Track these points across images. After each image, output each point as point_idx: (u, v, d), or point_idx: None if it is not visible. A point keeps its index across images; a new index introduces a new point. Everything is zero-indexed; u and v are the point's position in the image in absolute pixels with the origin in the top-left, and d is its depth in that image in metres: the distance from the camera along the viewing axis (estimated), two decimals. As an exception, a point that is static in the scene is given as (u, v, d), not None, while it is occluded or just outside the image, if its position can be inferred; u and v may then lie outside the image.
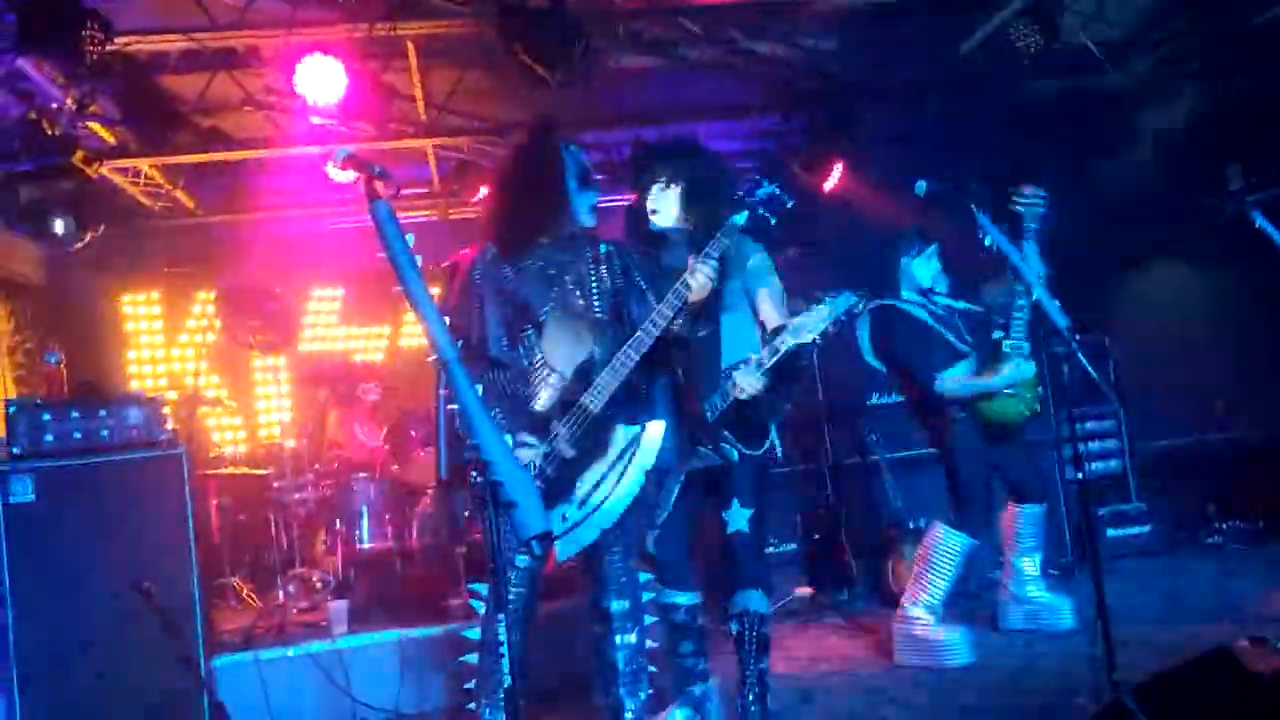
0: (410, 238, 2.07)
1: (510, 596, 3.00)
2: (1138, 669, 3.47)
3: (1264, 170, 6.77)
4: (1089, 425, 6.84)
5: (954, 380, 4.50)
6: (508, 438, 2.99)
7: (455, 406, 2.00)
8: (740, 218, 3.18)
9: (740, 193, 3.24)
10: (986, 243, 3.21)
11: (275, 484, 5.93)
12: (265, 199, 7.31)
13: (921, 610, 4.41)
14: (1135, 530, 6.66)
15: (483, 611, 3.12)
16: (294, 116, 5.83)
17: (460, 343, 3.10)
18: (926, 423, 4.77)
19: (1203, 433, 7.22)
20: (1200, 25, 6.07)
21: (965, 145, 6.26)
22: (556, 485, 3.06)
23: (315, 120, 5.65)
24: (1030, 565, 4.78)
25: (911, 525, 6.02)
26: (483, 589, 3.13)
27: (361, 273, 7.78)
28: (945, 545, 4.44)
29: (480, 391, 3.01)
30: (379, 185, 2.17)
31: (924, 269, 4.67)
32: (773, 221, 3.24)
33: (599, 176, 3.32)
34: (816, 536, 6.10)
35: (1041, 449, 6.59)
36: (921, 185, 3.39)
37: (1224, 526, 6.76)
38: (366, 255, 7.12)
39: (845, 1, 5.12)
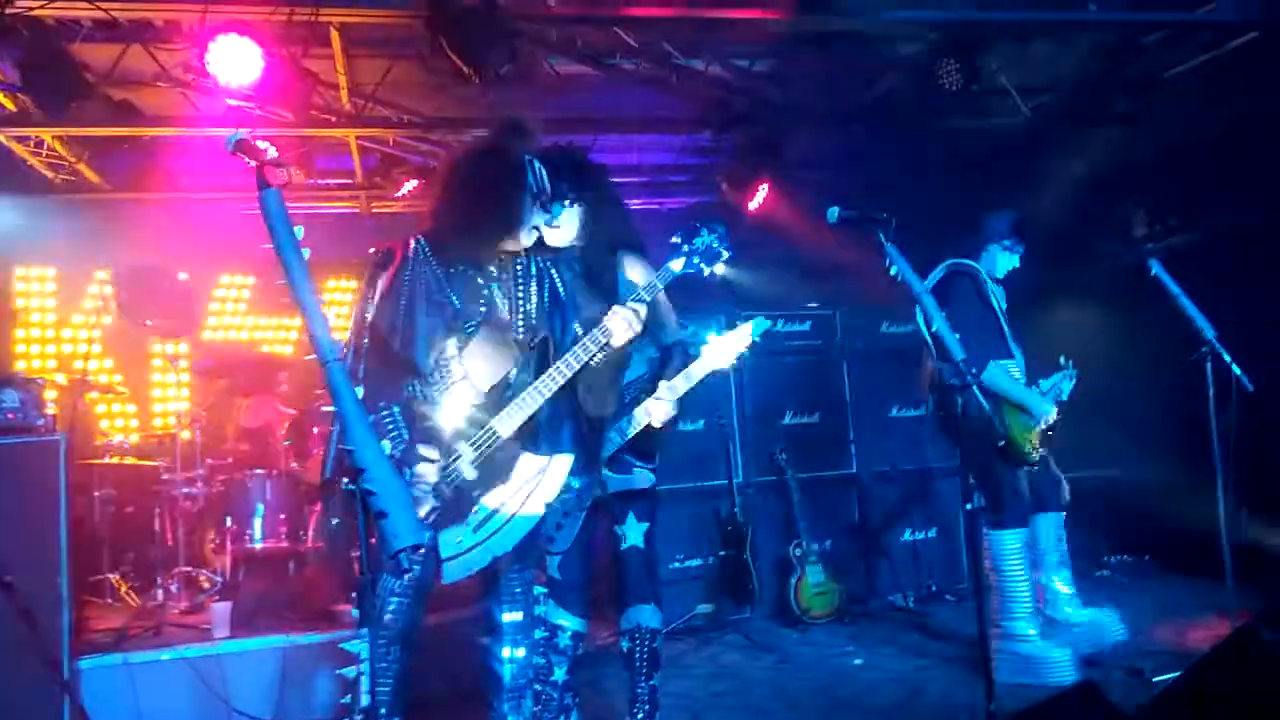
0: (299, 230, 1.98)
1: (391, 608, 2.90)
2: (1017, 698, 3.55)
3: (1166, 219, 7.01)
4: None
5: (1002, 372, 4.39)
6: (420, 449, 2.89)
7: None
8: (677, 266, 3.14)
9: (678, 239, 3.18)
10: (892, 272, 3.22)
11: (164, 476, 5.72)
12: (176, 179, 7.06)
13: (1023, 622, 4.32)
14: (1027, 561, 6.79)
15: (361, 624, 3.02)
16: (210, 96, 5.63)
17: (363, 343, 3.00)
18: (943, 414, 4.54)
19: (1096, 468, 7.41)
20: (1116, 75, 6.25)
21: (884, 176, 6.37)
22: (453, 506, 2.95)
23: (231, 102, 5.46)
24: (1062, 583, 4.66)
25: (817, 546, 6.08)
26: (366, 599, 3.03)
27: (275, 262, 7.54)
28: (1006, 548, 4.34)
29: (399, 401, 2.91)
30: (270, 173, 2.07)
31: (1006, 262, 4.63)
32: (706, 272, 3.19)
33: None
34: (722, 553, 6.10)
35: (949, 476, 6.74)
36: (833, 212, 3.38)
37: (1113, 560, 6.96)
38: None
39: (780, 27, 5.12)
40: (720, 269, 7.88)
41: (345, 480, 2.03)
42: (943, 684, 4.48)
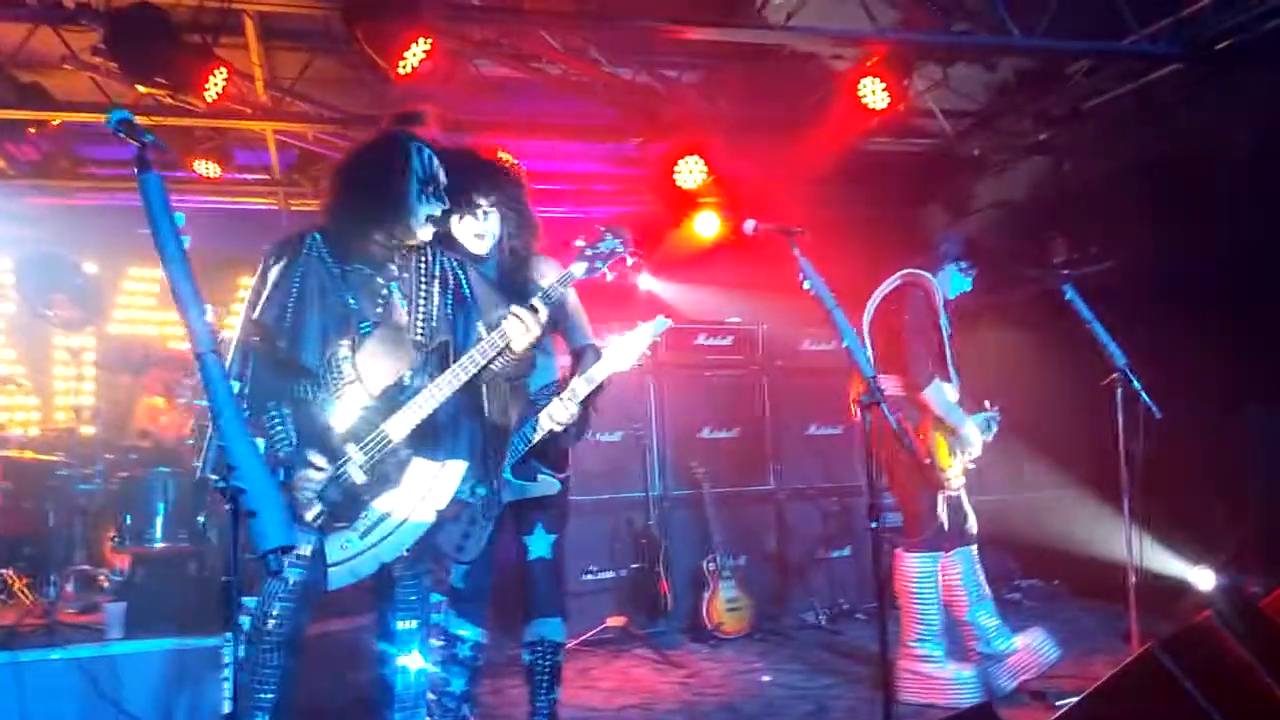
0: (180, 217, 1.89)
1: (275, 612, 2.80)
2: (924, 718, 3.56)
3: (1086, 247, 7.18)
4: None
5: (942, 392, 4.29)
6: (309, 452, 2.80)
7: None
8: (579, 270, 3.09)
9: (581, 242, 3.14)
10: (806, 286, 3.21)
11: (61, 472, 5.50)
12: (86, 167, 6.82)
13: (929, 644, 4.28)
14: (945, 580, 6.86)
15: (248, 627, 2.91)
16: (120, 82, 5.44)
17: (250, 340, 2.90)
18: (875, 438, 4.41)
19: (1009, 492, 7.54)
20: (1038, 102, 6.38)
21: (809, 192, 6.41)
22: (341, 510, 2.86)
23: (143, 89, 5.28)
24: (986, 616, 4.46)
25: (732, 561, 6.07)
26: (251, 602, 2.92)
27: (189, 255, 7.32)
28: (919, 571, 4.30)
29: (288, 401, 2.82)
30: (151, 156, 1.98)
31: (959, 284, 4.56)
32: (609, 276, 3.15)
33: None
34: (635, 565, 6.06)
35: (863, 496, 6.79)
36: (750, 224, 3.38)
37: (1022, 584, 7.06)
38: (197, 237, 6.70)
39: (710, 35, 5.13)
40: (646, 281, 7.88)
41: (215, 478, 1.94)
42: (848, 702, 4.49)
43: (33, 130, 6.34)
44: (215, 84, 5.20)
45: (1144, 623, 4.46)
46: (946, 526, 4.34)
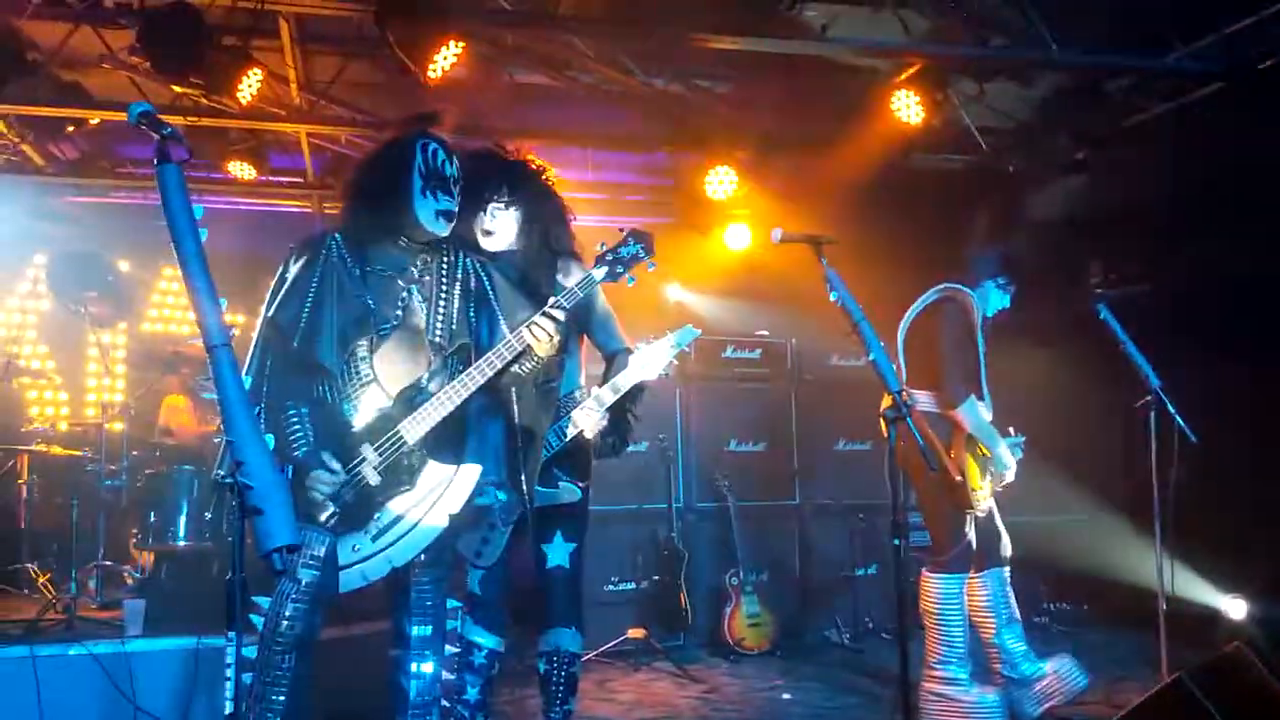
0: (199, 210, 1.87)
1: (287, 614, 2.78)
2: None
3: (1122, 268, 7.06)
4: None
5: (976, 411, 4.17)
6: (324, 453, 2.78)
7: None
8: (599, 274, 3.06)
9: (602, 247, 3.11)
10: (832, 297, 3.17)
11: (89, 468, 5.54)
12: (124, 166, 6.89)
13: (954, 666, 4.15)
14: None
15: (260, 628, 2.89)
16: (157, 82, 5.49)
17: (273, 338, 2.90)
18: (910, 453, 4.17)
19: (1038, 514, 7.41)
20: (1076, 121, 6.29)
21: (840, 207, 6.35)
22: (354, 511, 2.84)
23: (178, 89, 5.33)
24: (1014, 640, 4.39)
25: (754, 577, 6.00)
26: (264, 602, 2.90)
27: (221, 256, 7.36)
28: (944, 592, 4.17)
29: (307, 402, 2.81)
30: (172, 149, 1.97)
31: (998, 301, 4.46)
32: (630, 282, 3.12)
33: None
34: (656, 578, 6.01)
35: (883, 515, 6.69)
36: (776, 233, 3.33)
37: (1051, 607, 6.92)
38: (233, 238, 6.77)
39: (743, 45, 5.09)
40: (677, 292, 7.83)
41: (222, 474, 1.93)
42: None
43: (72, 129, 6.42)
44: (249, 85, 5.24)
45: (1173, 650, 4.36)
46: (975, 547, 4.25)
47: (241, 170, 6.75)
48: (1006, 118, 6.54)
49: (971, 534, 4.23)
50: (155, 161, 1.97)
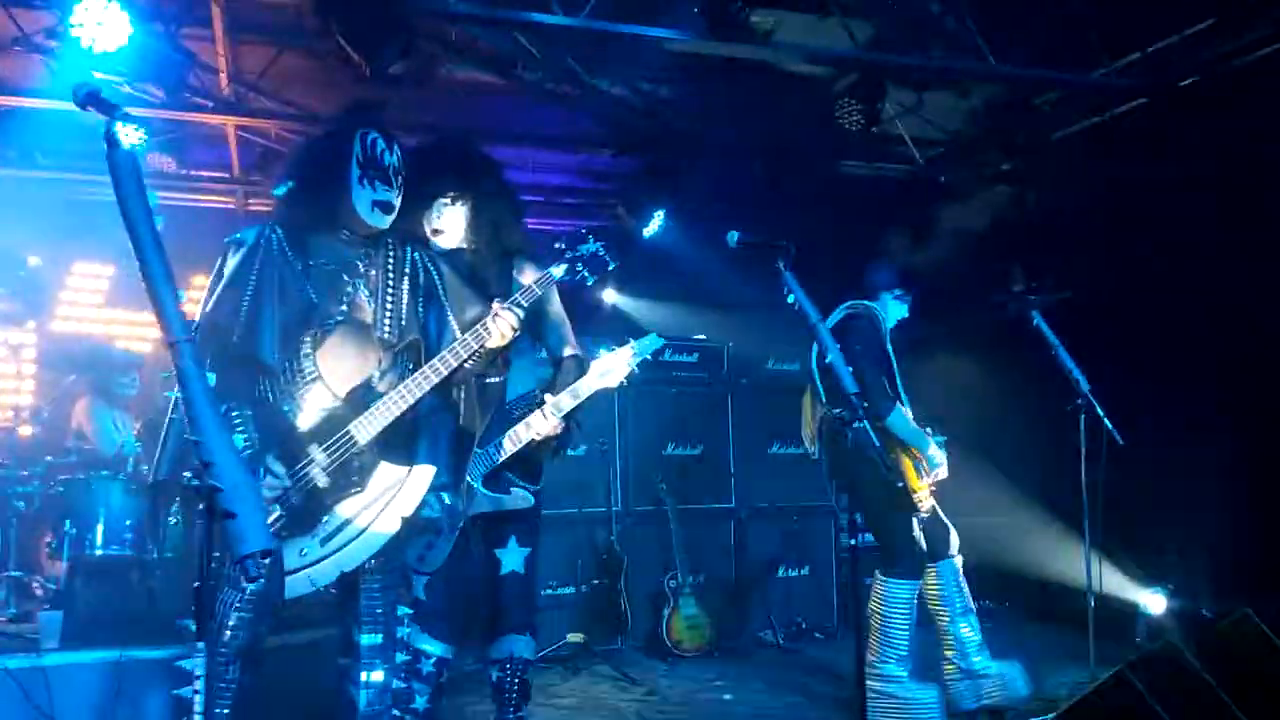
0: (153, 196, 1.78)
1: (231, 623, 2.66)
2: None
3: (1043, 277, 7.26)
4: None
5: (904, 417, 4.27)
6: (269, 454, 2.67)
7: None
8: (558, 271, 3.01)
9: (562, 244, 3.06)
10: (789, 300, 3.17)
11: (-1, 472, 5.27)
12: (34, 156, 6.57)
13: (894, 664, 4.20)
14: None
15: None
16: (68, 68, 5.23)
17: (200, 336, 2.77)
18: (847, 466, 4.31)
19: (966, 515, 7.56)
20: (1005, 132, 6.44)
21: (780, 211, 6.40)
22: (301, 515, 2.73)
23: (97, 75, 5.09)
24: (969, 629, 4.49)
25: (692, 579, 6.00)
26: (205, 613, 2.78)
27: (160, 239, 7.09)
28: (894, 596, 4.22)
29: (248, 400, 2.70)
30: (122, 132, 1.86)
31: (897, 311, 4.51)
32: (590, 281, 3.08)
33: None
34: (596, 582, 5.97)
35: (824, 516, 6.77)
36: (733, 236, 3.32)
37: (975, 605, 7.07)
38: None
39: (689, 48, 5.08)
40: (612, 295, 7.83)
41: (189, 475, 1.82)
42: (816, 717, 4.43)
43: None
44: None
45: (1094, 646, 4.49)
46: (926, 547, 4.34)
47: (160, 162, 6.50)
48: (938, 129, 6.66)
49: (920, 538, 4.30)
50: (107, 145, 1.86)
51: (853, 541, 3.05)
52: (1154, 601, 5.50)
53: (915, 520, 4.29)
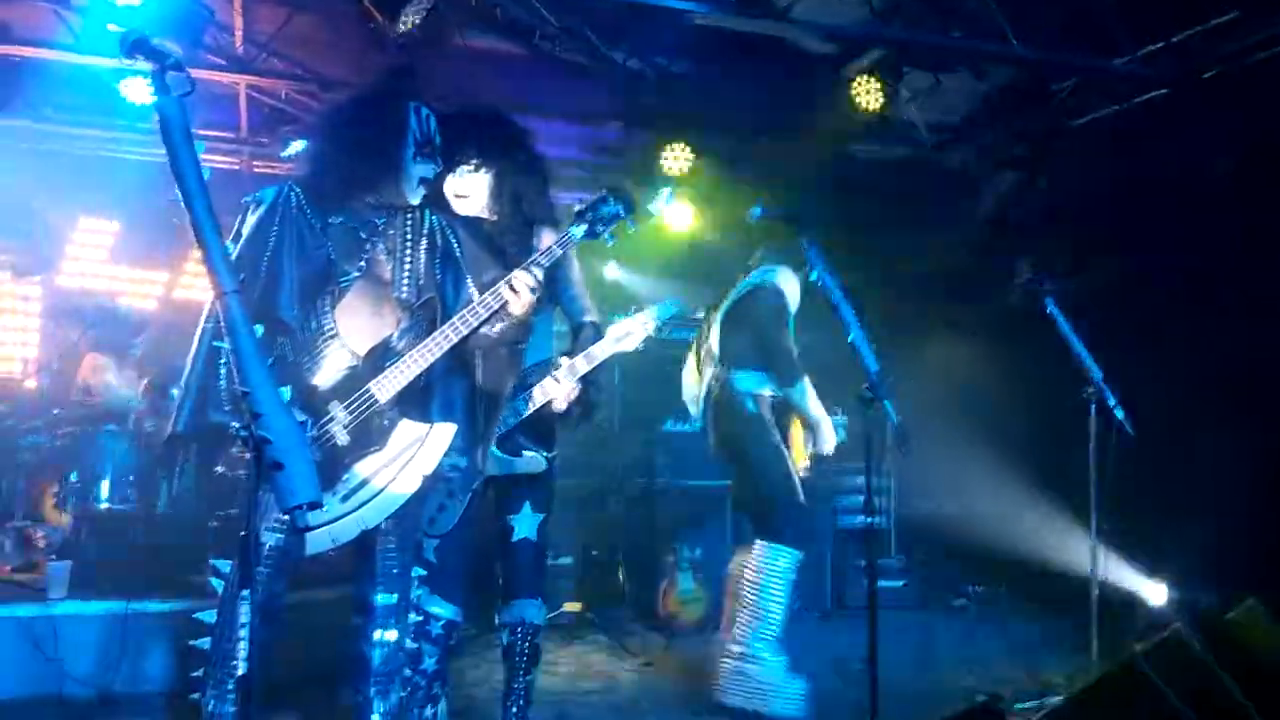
0: (201, 145, 1.77)
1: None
2: (885, 716, 3.55)
3: (1051, 265, 7.27)
4: (860, 479, 7.05)
5: (807, 389, 4.15)
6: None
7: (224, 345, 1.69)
8: (578, 232, 3.00)
9: (582, 205, 3.05)
10: (812, 277, 3.19)
11: (5, 423, 5.27)
12: (42, 109, 6.51)
13: (764, 645, 3.97)
14: (892, 584, 6.93)
15: (222, 593, 2.78)
16: (89, 20, 5.19)
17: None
18: (739, 430, 4.28)
19: (959, 502, 7.64)
20: (1022, 119, 6.44)
21: (788, 192, 6.39)
22: (322, 472, 2.72)
23: (113, 28, 5.05)
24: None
25: (688, 553, 6.04)
26: (224, 566, 2.79)
27: (143, 210, 7.06)
28: (774, 564, 4.02)
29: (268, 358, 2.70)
30: (170, 79, 1.85)
31: (805, 282, 4.31)
32: (610, 242, 3.07)
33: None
34: (594, 553, 6.01)
35: (822, 498, 6.80)
36: (756, 210, 3.35)
37: (970, 591, 7.15)
38: (152, 192, 6.45)
39: (710, 21, 5.06)
40: (614, 271, 7.80)
41: (238, 426, 1.83)
42: (813, 699, 4.46)
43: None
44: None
45: (1090, 633, 4.53)
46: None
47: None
48: (952, 112, 6.65)
49: (804, 502, 4.19)
50: (154, 92, 1.85)
51: (871, 521, 3.07)
52: (1156, 591, 5.54)
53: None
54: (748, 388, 4.20)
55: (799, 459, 4.28)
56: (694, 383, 4.52)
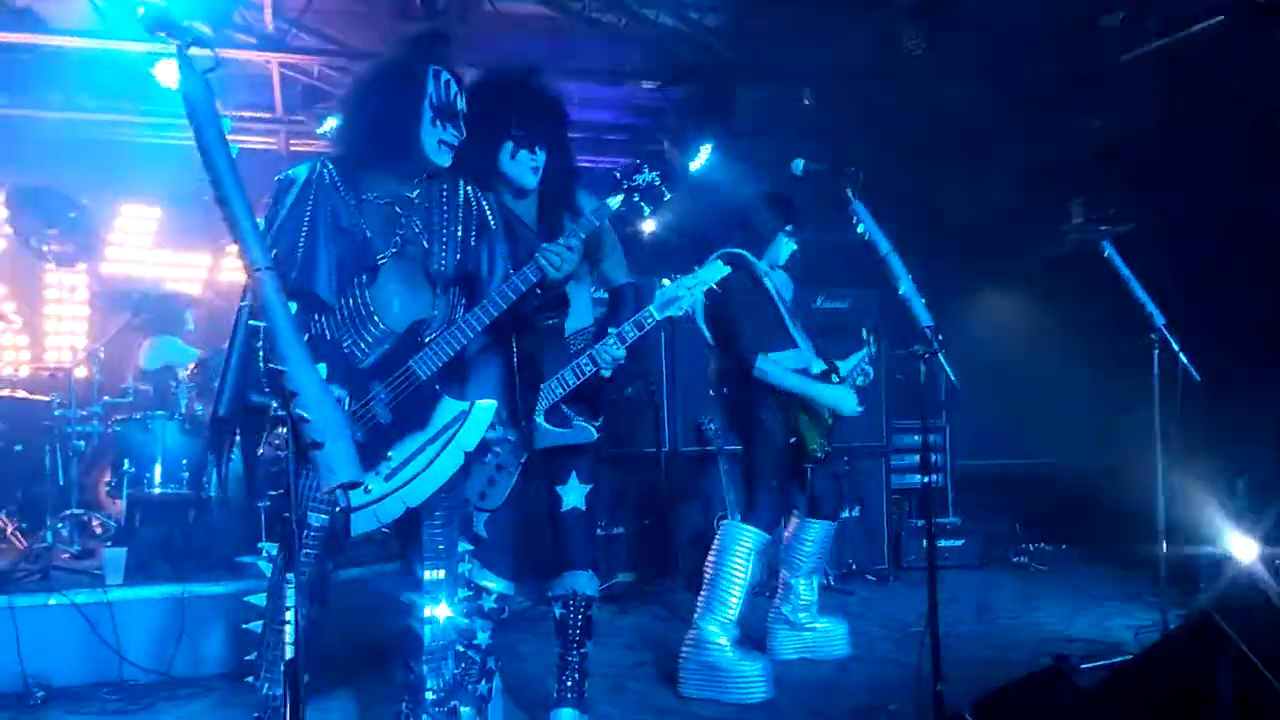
0: (227, 123, 1.71)
1: (299, 558, 2.66)
2: (949, 679, 3.46)
3: (1103, 209, 7.05)
4: (915, 439, 6.96)
5: (776, 364, 4.08)
6: (334, 389, 2.63)
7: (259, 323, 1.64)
8: (615, 202, 2.95)
9: (618, 174, 2.98)
10: (859, 230, 3.07)
11: (57, 413, 5.32)
12: (81, 98, 6.54)
13: (716, 629, 3.95)
14: (950, 543, 6.83)
15: (270, 575, 2.77)
16: (120, 6, 5.17)
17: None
18: (730, 406, 4.30)
19: (1017, 457, 7.49)
20: (1066, 58, 6.20)
21: (830, 143, 6.22)
22: (364, 451, 2.68)
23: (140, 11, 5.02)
24: (807, 589, 4.47)
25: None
26: (272, 548, 2.77)
27: (184, 195, 7.09)
28: (736, 543, 4.03)
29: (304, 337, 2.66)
30: (195, 56, 1.80)
31: (788, 248, 4.37)
32: (646, 211, 3.01)
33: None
34: (646, 522, 5.97)
35: (875, 457, 6.71)
36: (799, 164, 3.23)
37: (1030, 548, 7.03)
38: (191, 176, 6.46)
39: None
40: (652, 227, 7.66)
41: (276, 406, 1.79)
42: (871, 662, 4.41)
43: (24, 56, 6.06)
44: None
45: (1157, 587, 4.38)
46: (813, 498, 4.36)
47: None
48: (996, 52, 6.40)
49: (780, 491, 4.17)
50: (179, 70, 1.79)
51: (925, 480, 2.98)
52: (1240, 546, 5.35)
53: (809, 471, 4.22)
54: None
55: (812, 437, 4.17)
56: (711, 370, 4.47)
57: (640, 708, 3.82)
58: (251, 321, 1.94)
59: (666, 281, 3.23)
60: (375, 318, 2.77)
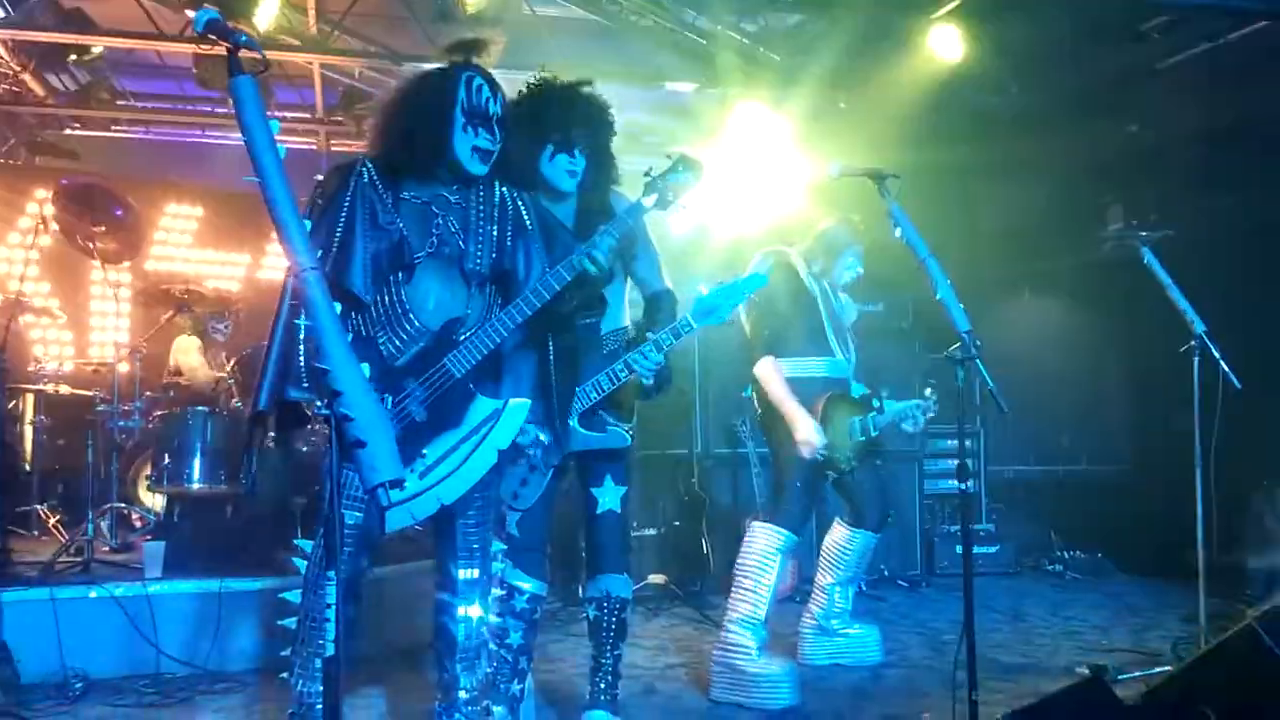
0: (275, 124, 1.74)
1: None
2: (982, 688, 3.44)
3: (1143, 214, 6.96)
4: (949, 443, 6.92)
5: (773, 368, 4.09)
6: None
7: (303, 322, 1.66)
8: (649, 200, 2.94)
9: (652, 173, 2.97)
10: (896, 234, 3.06)
11: (99, 408, 5.41)
12: (128, 99, 6.66)
13: (743, 631, 3.92)
14: (984, 550, 6.78)
15: (305, 572, 2.79)
16: (168, 10, 5.27)
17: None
18: (759, 405, 4.26)
19: (1051, 463, 7.42)
20: (1103, 64, 6.14)
21: (870, 145, 6.20)
22: (400, 449, 2.71)
23: (191, 15, 5.12)
24: (842, 598, 4.47)
25: (772, 523, 5.97)
26: (308, 546, 2.80)
27: (225, 195, 7.20)
28: (764, 544, 4.02)
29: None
30: (243, 58, 1.83)
31: (852, 271, 4.38)
32: (679, 210, 2.99)
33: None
34: (677, 524, 5.96)
35: (908, 461, 6.66)
36: (836, 167, 3.22)
37: (1065, 555, 6.95)
38: (233, 176, 6.57)
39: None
40: (682, 227, 7.68)
41: (320, 404, 1.82)
42: (904, 668, 4.39)
43: (73, 59, 6.18)
44: (268, 10, 5.03)
45: (1196, 600, 4.31)
46: (851, 506, 4.37)
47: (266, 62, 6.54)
48: (1037, 58, 6.36)
49: (808, 492, 4.11)
50: (229, 74, 1.83)
51: (962, 486, 2.96)
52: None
53: (812, 475, 4.10)
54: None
55: (841, 447, 4.15)
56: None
57: (669, 711, 3.82)
58: (296, 321, 1.98)
59: (704, 289, 3.21)
60: (411, 315, 2.77)
